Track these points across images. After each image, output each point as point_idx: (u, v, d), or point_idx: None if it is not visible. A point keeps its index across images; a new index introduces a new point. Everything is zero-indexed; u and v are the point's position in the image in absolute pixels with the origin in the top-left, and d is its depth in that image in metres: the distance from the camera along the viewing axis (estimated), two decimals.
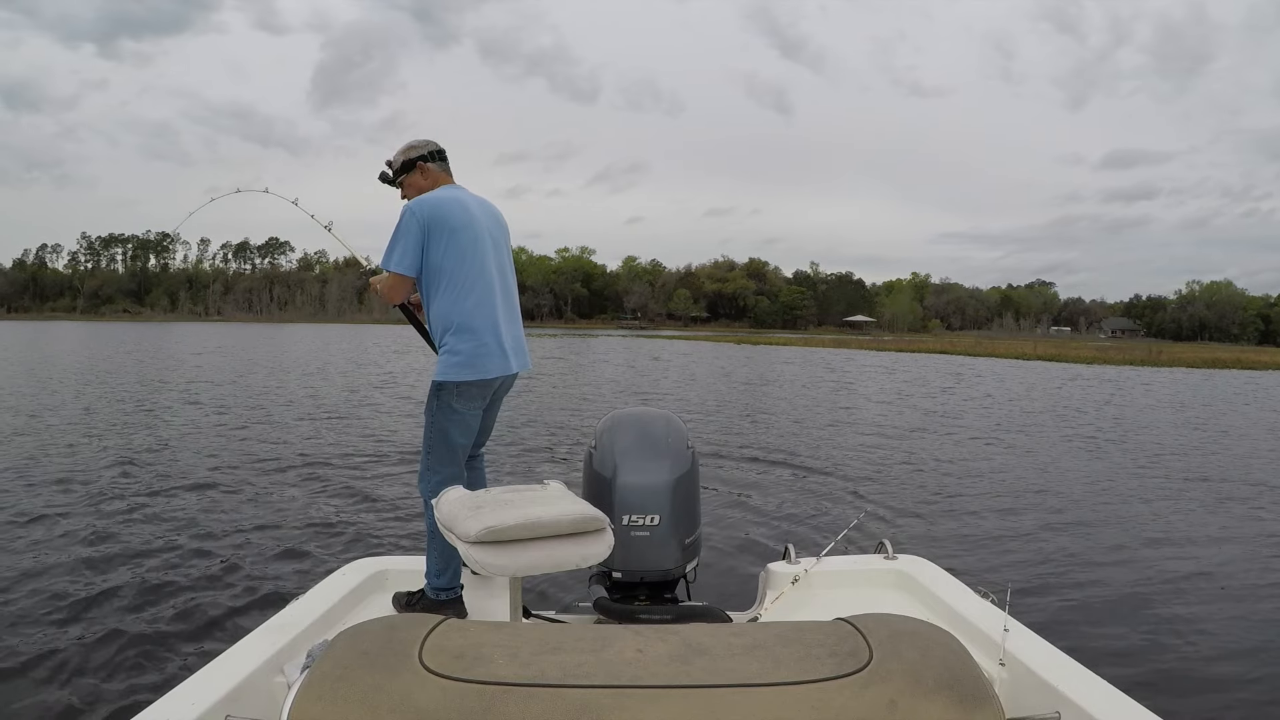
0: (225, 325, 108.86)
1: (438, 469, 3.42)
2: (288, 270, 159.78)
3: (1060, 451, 13.49)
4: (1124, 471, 11.66)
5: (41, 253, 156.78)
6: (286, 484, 9.19)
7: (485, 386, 3.46)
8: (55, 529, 7.04)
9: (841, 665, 1.33)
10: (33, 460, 10.22)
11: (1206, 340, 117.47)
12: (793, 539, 6.76)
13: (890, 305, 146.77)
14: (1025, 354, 53.61)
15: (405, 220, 3.36)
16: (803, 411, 18.75)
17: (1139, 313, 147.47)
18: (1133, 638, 5.33)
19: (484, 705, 1.24)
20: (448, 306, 3.39)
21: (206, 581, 5.81)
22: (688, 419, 15.40)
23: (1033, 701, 2.38)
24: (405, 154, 3.63)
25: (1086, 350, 60.10)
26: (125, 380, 22.10)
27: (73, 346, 42.62)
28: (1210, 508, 9.41)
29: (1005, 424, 17.19)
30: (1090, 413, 19.92)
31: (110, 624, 4.97)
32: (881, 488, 9.99)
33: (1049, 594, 6.14)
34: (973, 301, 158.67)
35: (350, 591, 3.24)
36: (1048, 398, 24.17)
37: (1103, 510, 9.12)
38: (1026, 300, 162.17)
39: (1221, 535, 8.15)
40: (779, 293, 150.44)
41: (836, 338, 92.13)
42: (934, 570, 3.48)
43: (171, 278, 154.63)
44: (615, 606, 3.22)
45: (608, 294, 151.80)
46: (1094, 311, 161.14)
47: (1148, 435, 15.78)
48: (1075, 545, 7.59)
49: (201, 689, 2.27)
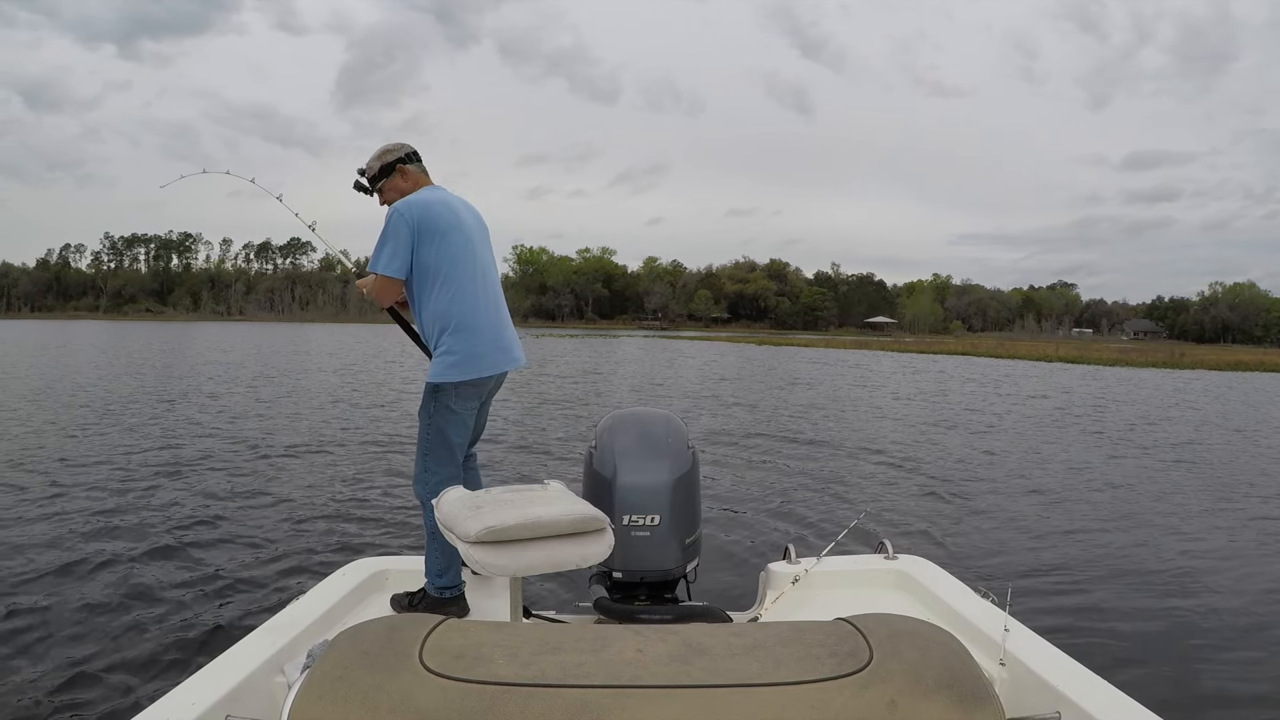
0: (248, 325, 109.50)
1: (436, 470, 3.43)
2: (309, 270, 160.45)
3: (1062, 451, 13.44)
4: (1127, 472, 11.61)
5: (65, 252, 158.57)
6: (287, 484, 9.23)
7: (482, 385, 3.47)
8: (55, 528, 7.07)
9: (842, 665, 1.32)
10: (33, 458, 10.31)
11: (1229, 343, 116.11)
12: (793, 539, 6.79)
13: (911, 306, 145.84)
14: (1047, 356, 53.19)
15: (394, 222, 3.35)
16: (805, 411, 18.73)
17: (1161, 314, 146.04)
18: (1133, 638, 5.31)
19: (484, 705, 1.23)
20: (442, 307, 3.40)
21: (207, 581, 5.84)
22: (689, 418, 15.50)
23: (1033, 701, 2.38)
24: (381, 158, 3.60)
25: (1108, 352, 59.57)
26: (138, 378, 22.21)
27: (101, 343, 42.95)
28: (1214, 508, 9.37)
29: (1007, 424, 17.12)
30: (1097, 413, 19.80)
31: (110, 623, 4.99)
32: (882, 488, 9.99)
33: (1050, 594, 6.13)
34: (994, 303, 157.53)
35: (350, 591, 3.25)
36: (1054, 398, 24.06)
37: (1104, 510, 9.09)
38: (1048, 302, 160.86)
39: (1224, 535, 8.12)
40: (800, 294, 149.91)
41: (857, 339, 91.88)
42: (934, 570, 3.48)
43: (194, 277, 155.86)
44: (615, 606, 3.23)
45: (629, 295, 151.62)
46: (1116, 313, 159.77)
47: (1154, 437, 15.67)
48: (1076, 545, 7.58)
49: (202, 689, 2.28)
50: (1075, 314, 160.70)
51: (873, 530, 6.98)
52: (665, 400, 20.74)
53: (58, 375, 23.63)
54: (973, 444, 14.01)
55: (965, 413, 19.28)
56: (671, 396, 21.81)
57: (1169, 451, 13.76)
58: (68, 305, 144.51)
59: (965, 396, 23.92)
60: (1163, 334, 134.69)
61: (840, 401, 21.56)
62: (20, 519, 7.35)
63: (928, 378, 32.31)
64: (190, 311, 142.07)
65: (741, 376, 30.45)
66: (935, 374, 34.94)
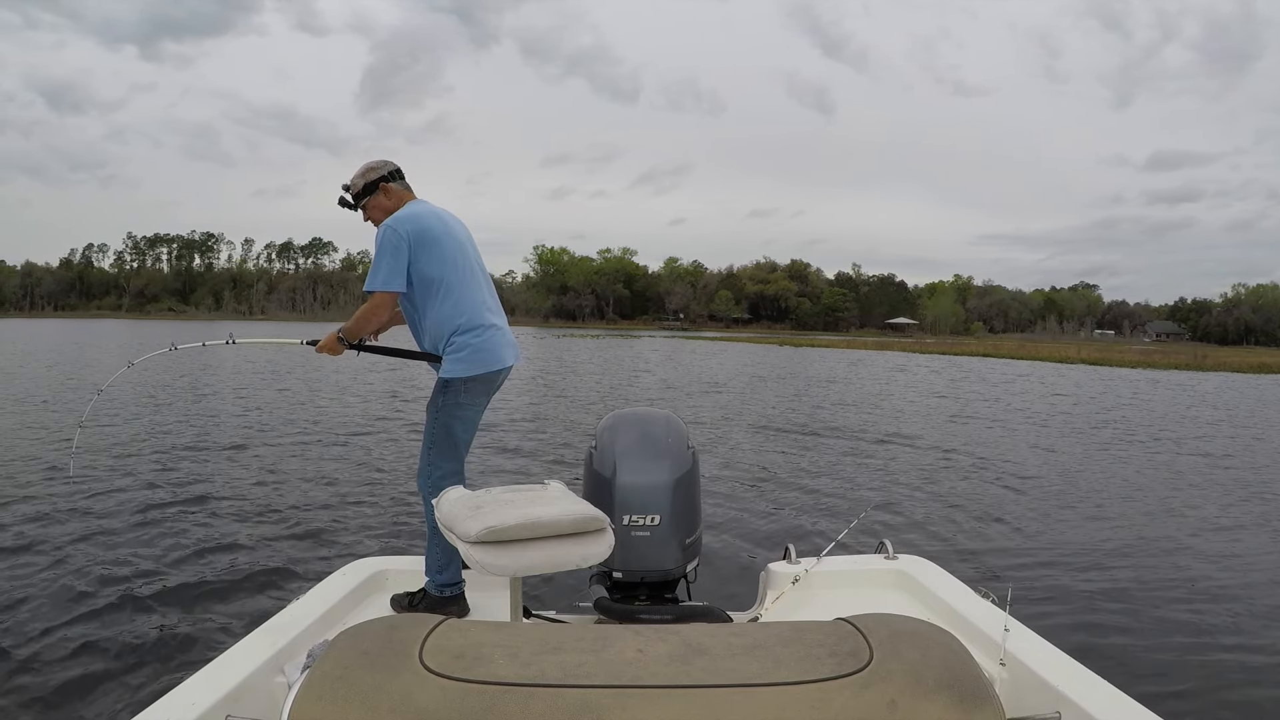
0: (269, 323, 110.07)
1: (439, 464, 3.49)
2: (330, 270, 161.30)
3: (1064, 452, 13.39)
4: (1129, 473, 11.55)
5: (88, 252, 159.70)
6: (287, 484, 9.24)
7: (491, 381, 3.55)
8: (56, 527, 7.10)
9: (842, 665, 1.33)
10: (34, 456, 10.36)
11: (1252, 345, 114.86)
12: (793, 539, 6.72)
13: (932, 307, 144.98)
14: (1068, 357, 52.73)
15: (388, 239, 3.42)
16: (806, 411, 18.70)
17: (1184, 316, 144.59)
18: (1134, 638, 5.31)
19: (484, 705, 1.24)
20: (449, 310, 3.48)
21: (207, 581, 5.87)
22: (692, 416, 15.51)
23: (1033, 701, 2.38)
24: (365, 176, 3.66)
25: (1130, 354, 59.12)
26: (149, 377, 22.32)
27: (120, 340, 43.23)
28: (1217, 509, 9.33)
29: (1011, 425, 17.05)
30: (1105, 414, 19.69)
31: (111, 623, 5.02)
32: (882, 487, 9.97)
33: (1050, 594, 6.12)
34: (1015, 304, 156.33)
35: (350, 592, 3.28)
36: (1065, 399, 23.93)
37: (1105, 511, 9.07)
38: (1070, 303, 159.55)
39: (1227, 537, 8.09)
40: (821, 294, 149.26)
41: (878, 340, 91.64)
42: (934, 570, 3.49)
43: (216, 277, 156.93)
44: (616, 606, 3.24)
45: (649, 295, 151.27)
46: (1138, 315, 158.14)
47: (1162, 439, 15.55)
48: (1076, 545, 7.57)
49: (202, 689, 2.30)
50: (1097, 316, 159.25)
51: (873, 530, 7.00)
52: (667, 401, 20.73)
53: (70, 367, 23.79)
54: (974, 444, 13.98)
55: (969, 413, 19.23)
56: (674, 397, 21.82)
57: (1174, 453, 13.69)
58: (90, 304, 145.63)
59: (971, 397, 23.85)
60: (1185, 336, 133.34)
61: (843, 401, 21.52)
62: (20, 518, 7.37)
63: (941, 379, 32.17)
64: (212, 311, 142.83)
65: (746, 377, 30.38)
66: (949, 375, 34.74)
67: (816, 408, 19.56)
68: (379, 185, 3.65)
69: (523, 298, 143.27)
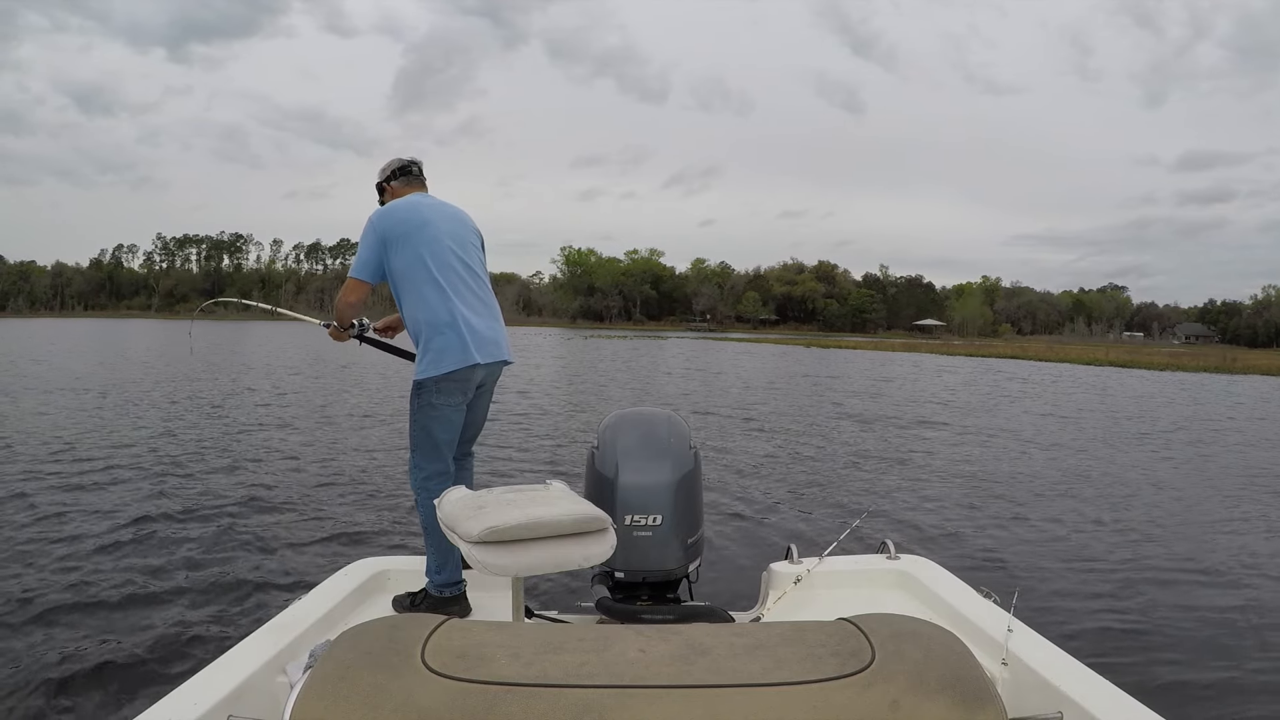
0: (297, 323, 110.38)
1: (424, 466, 3.51)
2: None
3: (1066, 453, 13.33)
4: (1133, 474, 11.49)
5: (118, 252, 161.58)
6: (287, 484, 9.32)
7: (462, 380, 3.52)
8: (56, 527, 7.17)
9: (844, 665, 1.32)
10: (35, 456, 10.48)
11: None
12: (795, 539, 6.78)
13: (960, 309, 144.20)
14: (1097, 359, 52.33)
15: (366, 229, 3.56)
16: (808, 412, 18.69)
17: (1213, 318, 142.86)
18: (1136, 638, 5.30)
19: (486, 705, 1.24)
20: (419, 308, 3.53)
21: (208, 581, 5.92)
22: (691, 417, 15.49)
23: (1035, 702, 2.38)
24: (380, 174, 3.87)
25: (1159, 356, 58.55)
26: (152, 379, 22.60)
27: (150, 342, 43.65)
28: (1224, 511, 9.27)
29: (1014, 425, 16.98)
30: (1116, 416, 19.57)
31: (112, 623, 5.08)
32: (884, 487, 9.98)
33: (1052, 594, 6.11)
34: (1044, 306, 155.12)
35: (351, 591, 3.29)
36: (1068, 400, 23.85)
37: (1107, 511, 9.02)
38: (1099, 305, 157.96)
39: (1231, 538, 8.04)
40: (848, 296, 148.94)
41: (906, 341, 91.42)
42: (936, 570, 3.48)
43: (245, 277, 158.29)
44: (617, 606, 3.24)
45: (677, 296, 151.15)
46: (1167, 316, 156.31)
47: (1171, 441, 15.44)
48: (1078, 545, 7.55)
49: (203, 689, 2.31)
50: (1126, 317, 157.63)
51: (875, 530, 7.00)
52: (669, 401, 20.71)
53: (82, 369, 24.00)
54: (975, 444, 13.97)
55: (972, 413, 19.21)
56: (675, 397, 21.85)
57: (1181, 454, 13.62)
58: (120, 304, 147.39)
59: (977, 398, 23.85)
60: (1214, 338, 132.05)
61: (847, 402, 21.49)
62: (20, 518, 7.44)
63: (956, 378, 32.17)
64: (241, 311, 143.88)
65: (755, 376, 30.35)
66: (966, 375, 34.70)
67: (820, 407, 19.63)
68: (385, 186, 3.84)
69: (550, 299, 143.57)
